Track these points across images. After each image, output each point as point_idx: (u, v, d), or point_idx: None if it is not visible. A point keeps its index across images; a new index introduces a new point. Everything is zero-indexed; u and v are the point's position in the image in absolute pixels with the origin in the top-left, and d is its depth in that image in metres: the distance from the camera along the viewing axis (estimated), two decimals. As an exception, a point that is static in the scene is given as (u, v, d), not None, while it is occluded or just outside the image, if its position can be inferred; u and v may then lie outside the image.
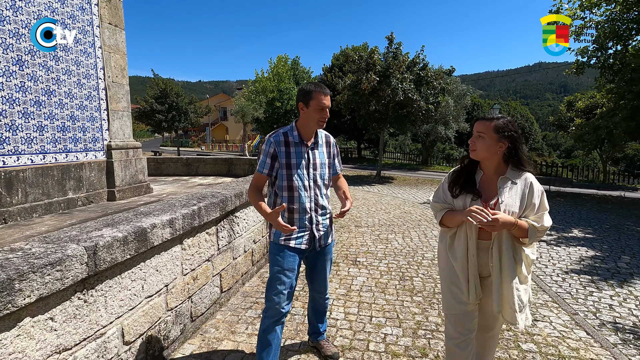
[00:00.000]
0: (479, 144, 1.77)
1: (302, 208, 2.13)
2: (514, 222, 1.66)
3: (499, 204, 1.73)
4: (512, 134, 1.74)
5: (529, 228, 1.69)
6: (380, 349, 2.64)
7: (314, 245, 2.20)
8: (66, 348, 1.70)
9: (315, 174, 2.16)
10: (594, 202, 10.24)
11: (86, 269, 1.74)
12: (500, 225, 1.62)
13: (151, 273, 2.30)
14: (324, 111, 2.08)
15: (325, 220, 2.24)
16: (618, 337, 2.89)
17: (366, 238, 5.69)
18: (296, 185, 2.10)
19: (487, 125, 1.75)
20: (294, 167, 2.10)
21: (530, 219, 1.72)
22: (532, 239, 1.72)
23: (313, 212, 2.16)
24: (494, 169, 1.81)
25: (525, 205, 1.74)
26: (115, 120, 6.08)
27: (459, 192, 1.84)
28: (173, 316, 2.54)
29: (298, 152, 2.12)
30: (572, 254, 5.11)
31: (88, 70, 5.53)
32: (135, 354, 2.17)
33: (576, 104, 17.54)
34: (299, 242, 2.15)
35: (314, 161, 2.16)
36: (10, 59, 4.45)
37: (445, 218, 1.87)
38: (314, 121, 2.09)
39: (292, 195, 2.11)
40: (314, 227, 2.17)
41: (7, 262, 1.49)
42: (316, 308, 2.49)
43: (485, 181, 1.83)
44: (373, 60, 12.99)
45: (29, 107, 4.66)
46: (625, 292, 3.79)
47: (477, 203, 1.76)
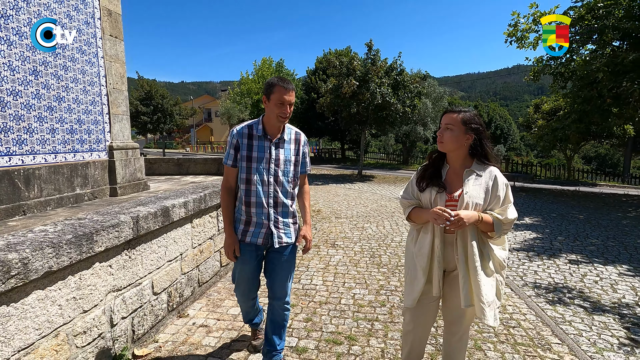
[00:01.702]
0: (447, 136, 1.78)
1: (258, 202, 2.09)
2: (477, 217, 1.68)
3: (463, 195, 1.74)
4: (477, 127, 1.78)
5: (494, 221, 1.71)
6: (349, 302, 3.38)
7: (272, 242, 2.12)
8: (118, 289, 2.37)
9: (277, 170, 2.10)
10: (551, 195, 11.34)
11: (131, 233, 2.41)
12: (464, 222, 1.63)
13: (171, 243, 2.98)
14: (284, 106, 2.02)
15: (286, 219, 2.17)
16: (534, 292, 3.73)
17: (344, 227, 6.45)
18: (254, 179, 2.07)
19: (454, 117, 1.77)
20: (254, 160, 2.07)
21: (496, 211, 1.74)
22: (499, 233, 1.72)
23: (271, 208, 2.10)
24: (460, 163, 1.83)
25: (490, 197, 1.75)
26: (116, 123, 6.66)
27: (425, 186, 1.85)
28: (186, 279, 3.22)
29: (260, 146, 2.09)
30: (518, 237, 6.00)
31: (92, 78, 6.11)
32: (160, 303, 2.84)
33: (542, 106, 18.86)
34: (254, 239, 2.13)
35: (277, 157, 2.11)
36: (27, 69, 5.02)
37: (413, 214, 1.89)
38: (274, 116, 2.03)
39: (250, 189, 2.09)
40: (271, 224, 2.11)
41: (84, 223, 2.16)
42: (273, 319, 2.26)
43: (452, 175, 1.85)
44: (353, 65, 13.81)
45: (43, 112, 5.23)
46: (550, 262, 4.67)
47: (443, 196, 1.79)
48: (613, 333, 2.93)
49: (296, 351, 2.58)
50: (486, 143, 1.80)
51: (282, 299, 2.23)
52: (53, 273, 1.84)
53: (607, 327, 3.02)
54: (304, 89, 27.86)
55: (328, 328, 2.91)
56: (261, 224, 2.11)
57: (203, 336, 2.76)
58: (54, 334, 1.89)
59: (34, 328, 1.77)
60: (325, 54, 27.56)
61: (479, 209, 1.72)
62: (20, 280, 1.64)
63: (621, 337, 2.86)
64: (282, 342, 2.32)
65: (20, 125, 4.97)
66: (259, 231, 2.12)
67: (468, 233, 1.72)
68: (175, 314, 3.06)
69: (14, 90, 4.87)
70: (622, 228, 6.73)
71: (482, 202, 1.73)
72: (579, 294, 3.70)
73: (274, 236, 2.12)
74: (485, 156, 1.80)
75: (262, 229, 2.11)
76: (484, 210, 1.74)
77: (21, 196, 4.85)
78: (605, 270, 4.40)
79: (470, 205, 1.72)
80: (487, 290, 1.70)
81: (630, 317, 3.20)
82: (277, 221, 2.13)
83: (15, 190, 4.79)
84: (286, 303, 2.26)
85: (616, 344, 2.77)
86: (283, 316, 2.28)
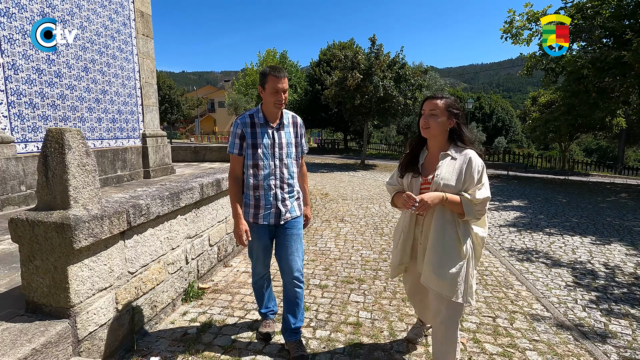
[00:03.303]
0: (432, 122, 1.83)
1: (267, 185, 2.21)
2: (442, 197, 1.74)
3: (435, 177, 1.82)
4: (458, 113, 1.84)
5: (463, 201, 1.75)
6: (358, 259, 4.22)
7: (280, 220, 2.26)
8: (190, 237, 3.21)
9: (282, 152, 2.24)
10: (541, 183, 12.13)
11: (199, 196, 3.23)
12: (428, 203, 1.72)
13: (219, 208, 3.81)
14: (278, 94, 2.12)
15: (292, 197, 2.30)
16: (507, 254, 4.57)
17: (350, 207, 7.28)
18: (261, 164, 2.19)
19: (438, 103, 1.83)
20: (260, 146, 2.19)
21: (468, 192, 1.78)
22: (470, 214, 1.76)
23: (278, 189, 2.23)
24: (438, 147, 1.90)
25: (464, 179, 1.78)
26: (148, 113, 7.46)
27: (404, 171, 1.97)
28: (229, 238, 4.06)
29: (263, 133, 2.21)
30: (503, 215, 6.83)
31: (129, 73, 6.89)
32: (213, 253, 3.68)
33: (539, 99, 19.53)
34: (266, 220, 2.25)
35: (280, 141, 2.24)
36: (80, 67, 5.80)
37: (395, 199, 2.04)
38: (271, 104, 2.15)
39: (257, 173, 2.20)
40: (279, 203, 2.24)
41: (171, 186, 2.98)
42: (286, 296, 2.33)
43: (430, 159, 1.93)
44: (357, 59, 14.49)
45: (92, 104, 6.03)
46: (526, 234, 5.50)
47: (418, 180, 1.89)
48: (563, 279, 3.77)
49: (319, 287, 3.43)
50: (463, 127, 1.87)
51: (291, 274, 2.25)
52: (158, 217, 2.67)
53: (560, 275, 3.86)
54: (308, 80, 28.44)
55: (342, 274, 3.75)
56: (270, 205, 2.23)
57: (246, 278, 3.60)
58: (157, 260, 2.72)
59: (148, 253, 2.61)
60: (329, 46, 28.08)
61: (451, 191, 1.77)
62: (145, 219, 2.47)
63: (569, 282, 3.70)
64: (297, 321, 2.33)
65: (75, 115, 5.78)
66: (269, 212, 2.23)
67: (434, 214, 1.83)
68: (222, 264, 3.91)
69: (71, 85, 5.67)
70: (598, 209, 7.54)
71: (454, 184, 1.77)
72: (544, 255, 4.53)
73: (282, 213, 2.24)
74: (462, 140, 1.86)
75: (272, 209, 2.23)
76: (457, 191, 1.78)
77: (77, 175, 5.66)
78: (571, 239, 5.23)
79: (440, 186, 1.79)
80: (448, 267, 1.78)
81: (580, 270, 4.04)
82: (284, 200, 2.25)
83: (73, 170, 5.59)
84: (296, 279, 2.27)
85: (563, 285, 3.61)
86: (295, 293, 2.29)
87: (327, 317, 2.87)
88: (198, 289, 3.29)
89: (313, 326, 2.72)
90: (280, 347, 2.43)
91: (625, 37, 8.42)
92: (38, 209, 1.98)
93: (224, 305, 3.03)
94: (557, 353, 2.45)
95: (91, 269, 2.07)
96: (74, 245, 1.88)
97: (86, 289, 2.04)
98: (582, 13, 9.31)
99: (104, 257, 2.16)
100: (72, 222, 1.87)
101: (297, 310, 2.33)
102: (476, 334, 2.66)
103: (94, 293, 2.10)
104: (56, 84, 5.28)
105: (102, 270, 2.15)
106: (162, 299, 2.77)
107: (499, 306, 3.11)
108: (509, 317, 2.93)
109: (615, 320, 2.95)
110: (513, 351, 2.46)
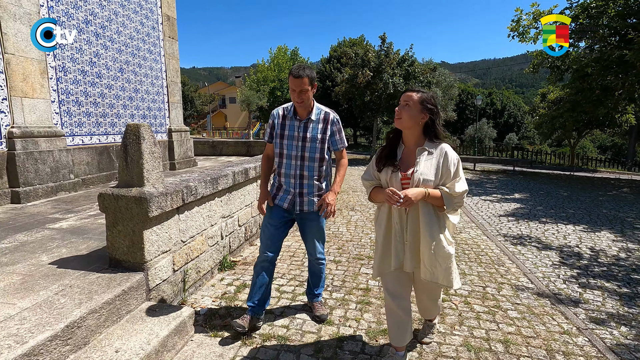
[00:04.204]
0: (404, 113, 1.88)
1: (287, 173, 2.40)
2: (424, 192, 1.80)
3: (415, 173, 1.86)
4: (432, 108, 1.88)
5: (443, 195, 1.82)
6: (367, 241, 4.74)
7: (294, 208, 2.44)
8: (225, 216, 3.76)
9: (305, 146, 2.34)
10: (546, 178, 12.45)
11: (232, 182, 3.78)
12: (412, 199, 1.77)
13: (247, 194, 4.36)
14: (295, 93, 2.26)
15: (311, 191, 2.41)
16: (503, 239, 5.03)
17: (360, 198, 7.78)
18: (285, 154, 2.38)
19: (413, 95, 1.88)
20: (285, 137, 2.37)
21: (447, 186, 1.85)
22: (450, 206, 1.84)
23: (297, 179, 2.38)
24: (414, 141, 1.94)
25: (441, 173, 1.85)
26: (173, 110, 8.06)
27: (382, 166, 1.98)
28: (253, 220, 4.62)
29: (291, 125, 2.37)
30: (504, 207, 7.26)
31: (157, 73, 7.49)
32: (241, 232, 4.24)
33: (548, 95, 19.63)
34: (281, 202, 2.46)
35: (305, 134, 2.34)
36: (116, 68, 6.41)
37: (373, 194, 2.06)
38: (293, 100, 2.33)
39: (281, 162, 2.42)
40: (296, 193, 2.40)
41: (209, 172, 3.53)
42: (310, 269, 2.72)
43: (406, 154, 1.97)
44: (368, 57, 14.90)
45: (126, 101, 6.64)
46: (523, 222, 5.94)
47: (397, 175, 1.91)
48: (551, 260, 4.23)
49: (334, 262, 3.96)
50: (438, 124, 1.92)
51: (314, 255, 2.60)
52: (203, 198, 3.23)
53: (548, 257, 4.32)
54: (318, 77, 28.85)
55: (353, 252, 4.28)
56: (288, 191, 2.42)
57: (270, 254, 4.15)
58: (201, 233, 3.28)
59: (195, 227, 3.17)
60: (339, 42, 28.45)
61: (430, 185, 1.84)
62: (194, 198, 3.03)
63: (555, 261, 4.16)
64: (319, 289, 2.78)
65: (112, 111, 6.40)
66: (286, 197, 2.44)
67: (419, 208, 1.88)
68: (248, 242, 4.47)
69: (109, 85, 6.29)
70: (596, 202, 7.91)
71: (433, 178, 1.84)
72: (537, 240, 4.99)
73: (297, 203, 2.42)
74: (436, 135, 1.92)
75: (289, 196, 2.42)
76: (436, 185, 1.85)
77: (114, 166, 6.32)
78: (564, 227, 5.66)
79: (421, 182, 1.84)
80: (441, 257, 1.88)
81: (567, 252, 4.49)
82: (301, 192, 2.40)
83: (110, 161, 6.25)
84: (318, 259, 2.63)
85: (550, 264, 4.08)
86: (318, 269, 2.69)
87: (341, 284, 3.40)
88: (230, 261, 3.85)
89: (330, 290, 3.26)
90: (304, 304, 2.97)
91: (628, 37, 8.70)
92: (119, 187, 2.54)
93: (254, 273, 3.59)
94: (534, 313, 2.94)
95: (157, 235, 2.63)
96: (149, 214, 2.43)
97: (154, 250, 2.60)
98: (587, 12, 9.58)
99: (165, 226, 2.72)
100: (147, 196, 2.43)
101: (319, 281, 2.77)
102: (467, 298, 3.17)
103: (159, 254, 2.66)
104: (97, 84, 5.89)
105: (165, 237, 2.72)
106: (204, 266, 3.33)
107: (490, 279, 3.60)
108: (497, 286, 3.42)
109: (590, 291, 3.42)
110: (497, 310, 2.96)
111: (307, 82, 2.27)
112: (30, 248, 2.94)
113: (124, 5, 6.40)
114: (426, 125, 1.92)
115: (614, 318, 2.91)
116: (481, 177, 12.49)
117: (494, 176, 12.75)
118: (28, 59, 4.66)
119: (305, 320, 2.71)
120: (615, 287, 3.51)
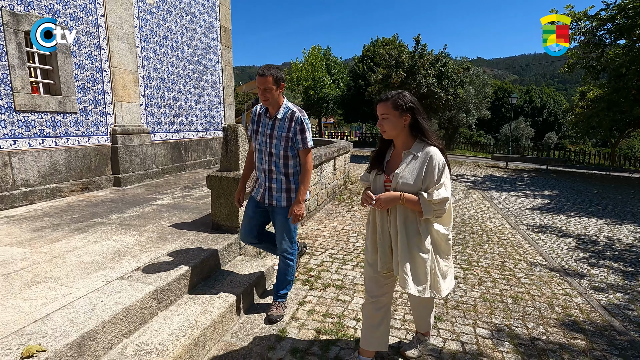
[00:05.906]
0: (386, 125, 1.86)
1: (259, 168, 2.55)
2: (399, 197, 1.78)
3: (395, 176, 1.85)
4: (410, 106, 1.83)
5: (421, 200, 1.77)
6: (401, 225, 5.47)
7: (266, 202, 2.56)
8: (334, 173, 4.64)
9: (272, 143, 2.44)
10: (580, 177, 12.48)
11: (336, 153, 4.66)
12: (384, 203, 1.79)
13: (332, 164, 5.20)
14: (260, 90, 2.31)
15: (278, 186, 2.50)
16: (526, 227, 5.58)
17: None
18: (257, 148, 2.53)
19: (386, 105, 1.84)
20: (259, 133, 2.50)
21: (428, 192, 1.79)
22: (428, 213, 1.77)
23: (267, 174, 2.51)
24: (401, 144, 1.91)
25: (424, 177, 1.80)
26: (227, 110, 9.12)
27: (371, 168, 2.02)
28: (335, 182, 5.48)
29: (264, 123, 2.49)
30: (532, 202, 7.70)
31: (215, 78, 8.56)
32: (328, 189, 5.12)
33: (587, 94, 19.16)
34: (255, 194, 2.64)
35: (272, 132, 2.44)
36: (185, 75, 7.49)
37: None
38: (259, 98, 2.38)
39: (256, 156, 2.57)
40: (266, 186, 2.53)
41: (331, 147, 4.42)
42: (279, 265, 2.72)
43: (395, 156, 1.96)
44: (402, 59, 15.43)
45: (192, 103, 7.73)
46: (548, 215, 6.42)
47: (381, 177, 1.93)
48: (568, 245, 4.77)
49: (374, 240, 4.73)
50: (421, 120, 1.85)
51: (279, 248, 2.62)
52: (331, 157, 4.34)
53: (566, 243, 4.86)
54: (351, 76, 29.50)
55: (390, 233, 5.03)
56: (261, 185, 2.59)
57: (319, 232, 4.99)
58: (332, 175, 4.56)
59: (328, 171, 4.35)
60: (372, 42, 28.93)
61: (409, 189, 1.80)
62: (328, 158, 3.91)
63: (571, 246, 4.71)
64: (283, 290, 2.69)
65: (182, 112, 7.51)
66: (259, 190, 2.60)
67: (397, 212, 1.85)
68: (329, 200, 5.42)
69: (180, 89, 7.40)
70: (626, 200, 8.13)
71: (412, 182, 1.80)
72: (558, 229, 5.50)
73: (266, 197, 2.54)
74: (423, 133, 1.86)
75: (261, 189, 2.58)
76: (418, 189, 1.80)
77: (183, 159, 7.42)
78: (587, 220, 6.10)
79: (399, 185, 1.82)
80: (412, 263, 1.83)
81: (585, 240, 5.00)
82: (270, 186, 2.52)
83: (180, 155, 7.37)
84: (283, 253, 2.62)
85: (565, 248, 4.63)
86: (283, 265, 2.65)
87: (381, 255, 4.17)
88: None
89: (372, 258, 4.04)
90: (352, 266, 3.76)
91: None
92: (221, 170, 3.45)
93: (310, 244, 4.44)
94: (543, 281, 3.58)
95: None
96: (244, 190, 3.32)
97: (244, 218, 3.50)
98: (624, 13, 9.67)
99: (251, 201, 3.62)
100: (243, 177, 3.32)
101: (283, 278, 2.67)
102: (487, 269, 3.84)
103: (246, 222, 3.56)
104: (171, 89, 6.99)
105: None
106: (272, 237, 4.23)
107: (508, 257, 4.24)
108: (514, 262, 4.06)
109: (597, 268, 3.98)
110: (511, 277, 3.62)
111: (272, 80, 2.31)
112: (149, 217, 3.95)
113: (192, 21, 7.47)
114: (411, 126, 1.87)
115: (613, 287, 3.49)
116: (512, 175, 12.72)
117: (526, 174, 12.93)
118: (126, 70, 5.78)
119: (355, 277, 3.52)
120: (621, 266, 4.04)
